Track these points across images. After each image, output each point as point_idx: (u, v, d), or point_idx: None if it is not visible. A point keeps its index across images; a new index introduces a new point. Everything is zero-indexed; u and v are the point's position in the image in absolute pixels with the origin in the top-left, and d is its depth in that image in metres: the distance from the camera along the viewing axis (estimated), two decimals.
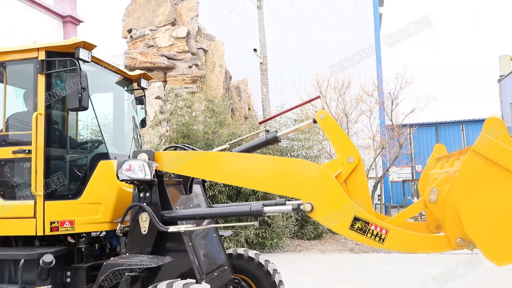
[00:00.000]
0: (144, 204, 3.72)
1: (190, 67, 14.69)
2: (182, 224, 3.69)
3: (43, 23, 16.67)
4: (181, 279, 3.36)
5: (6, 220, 3.78)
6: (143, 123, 5.14)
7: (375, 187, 14.83)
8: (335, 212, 3.26)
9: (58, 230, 3.73)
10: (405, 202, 18.27)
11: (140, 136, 5.08)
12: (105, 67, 4.43)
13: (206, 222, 4.27)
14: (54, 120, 3.97)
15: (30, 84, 3.93)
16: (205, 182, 4.75)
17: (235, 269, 4.51)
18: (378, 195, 17.15)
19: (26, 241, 3.91)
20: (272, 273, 4.54)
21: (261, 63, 14.80)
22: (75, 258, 3.95)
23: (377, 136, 15.47)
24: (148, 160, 3.74)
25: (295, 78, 20.35)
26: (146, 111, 5.18)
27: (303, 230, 11.46)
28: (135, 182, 3.74)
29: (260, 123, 5.15)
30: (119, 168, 3.68)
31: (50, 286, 3.66)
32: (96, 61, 4.19)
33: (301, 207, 3.34)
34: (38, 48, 3.88)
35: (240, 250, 4.67)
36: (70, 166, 4.09)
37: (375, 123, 16.17)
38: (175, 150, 4.27)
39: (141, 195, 3.78)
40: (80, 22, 18.44)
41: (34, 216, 3.70)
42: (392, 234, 3.15)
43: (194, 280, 3.43)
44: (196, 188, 4.49)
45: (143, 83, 4.97)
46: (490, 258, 2.81)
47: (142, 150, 3.90)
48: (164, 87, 14.20)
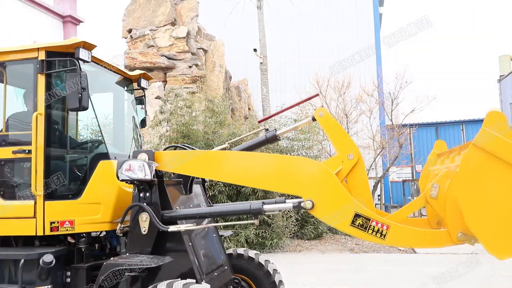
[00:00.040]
0: (144, 204, 3.72)
1: (190, 67, 14.68)
2: (182, 224, 3.70)
3: (43, 23, 16.67)
4: (181, 279, 3.36)
5: (6, 220, 3.78)
6: (143, 123, 5.14)
7: (375, 187, 14.83)
8: (336, 209, 3.26)
9: (58, 230, 3.73)
10: (405, 202, 18.26)
11: (140, 136, 5.08)
12: (105, 67, 4.43)
13: (206, 221, 4.27)
14: (54, 120, 3.97)
15: (30, 84, 3.93)
16: (205, 182, 4.75)
17: (235, 269, 4.51)
18: (378, 195, 17.16)
19: (26, 241, 3.91)
20: (272, 273, 4.54)
21: (261, 63, 14.81)
22: (75, 258, 3.95)
23: (377, 136, 15.48)
24: (148, 160, 3.74)
25: (295, 78, 20.36)
26: (146, 111, 5.18)
27: (303, 230, 11.45)
28: (135, 182, 3.74)
29: (259, 122, 5.14)
30: (119, 168, 3.68)
31: (50, 286, 3.66)
32: (96, 61, 4.19)
33: (301, 204, 3.34)
34: (38, 48, 3.88)
35: (240, 250, 4.67)
36: (70, 166, 4.09)
37: (375, 123, 16.17)
38: (175, 150, 4.27)
39: (141, 195, 3.78)
40: (80, 22, 18.45)
41: (34, 216, 3.70)
42: (393, 230, 3.14)
43: (194, 280, 3.43)
44: (196, 188, 4.49)
45: (143, 83, 4.97)
46: (491, 252, 2.80)
47: (142, 150, 3.90)
48: (164, 87, 14.19)
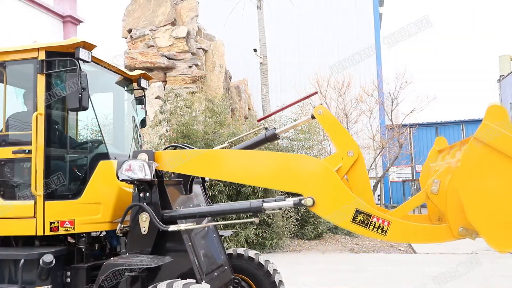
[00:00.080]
0: (144, 204, 3.73)
1: (190, 67, 14.68)
2: (182, 224, 3.70)
3: (43, 23, 16.67)
4: (181, 279, 3.36)
5: (6, 220, 3.78)
6: (143, 123, 5.14)
7: (375, 187, 14.84)
8: (336, 205, 3.25)
9: (58, 230, 3.73)
10: None
11: (140, 136, 5.08)
12: (105, 67, 4.43)
13: (205, 221, 4.27)
14: (54, 120, 3.97)
15: (30, 84, 3.93)
16: (205, 182, 4.75)
17: (235, 269, 4.50)
18: (378, 195, 17.17)
19: (26, 241, 3.90)
20: (272, 273, 4.53)
21: (261, 63, 14.82)
22: (75, 258, 3.95)
23: (377, 136, 15.50)
24: (148, 160, 3.74)
25: (295, 78, 20.38)
26: (146, 111, 5.18)
27: (303, 230, 11.44)
28: (135, 182, 3.74)
29: (258, 120, 5.13)
30: (119, 168, 3.68)
31: (50, 286, 3.66)
32: (96, 61, 4.19)
33: (302, 201, 3.33)
34: (38, 48, 3.87)
35: (240, 250, 4.67)
36: (70, 166, 4.09)
37: (375, 123, 16.19)
38: (175, 150, 4.26)
39: (141, 195, 3.78)
40: (80, 22, 18.45)
41: (34, 216, 3.70)
42: (394, 226, 3.13)
43: (194, 280, 3.43)
44: (196, 188, 4.49)
45: (143, 83, 4.97)
46: (492, 245, 2.81)
47: (142, 150, 3.90)
48: (164, 87, 14.19)
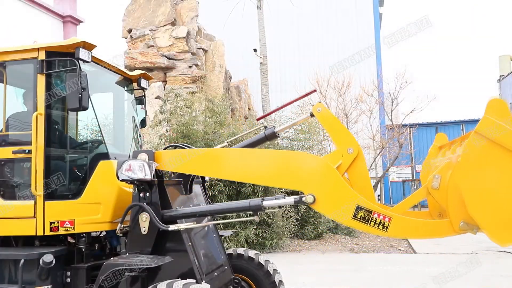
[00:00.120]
0: (144, 203, 3.73)
1: (190, 67, 14.69)
2: (182, 223, 3.70)
3: (43, 23, 16.67)
4: (181, 279, 3.36)
5: (6, 220, 3.78)
6: (143, 123, 5.14)
7: (375, 187, 14.84)
8: (337, 202, 3.25)
9: (58, 230, 3.73)
10: None
11: (140, 136, 5.08)
12: (105, 67, 4.43)
13: (205, 220, 4.27)
14: (54, 120, 3.97)
15: (30, 84, 3.93)
16: (205, 182, 4.75)
17: (235, 269, 4.50)
18: (378, 195, 17.18)
19: (26, 241, 3.90)
20: (272, 273, 4.53)
21: (261, 63, 14.81)
22: (75, 258, 3.95)
23: (377, 136, 15.50)
24: (148, 160, 3.74)
25: (295, 78, 20.37)
26: (146, 111, 5.18)
27: (303, 230, 11.44)
28: (135, 182, 3.74)
29: (258, 119, 5.13)
30: (119, 168, 3.68)
31: (50, 286, 3.66)
32: (96, 61, 4.19)
33: (303, 199, 3.33)
34: (38, 48, 3.87)
35: (240, 250, 4.67)
36: (70, 166, 4.09)
37: (375, 123, 16.20)
38: (174, 149, 4.26)
39: (141, 195, 3.78)
40: (80, 22, 18.45)
41: (34, 216, 3.70)
42: (395, 221, 3.13)
43: (194, 280, 3.43)
44: (196, 188, 4.49)
45: (143, 83, 4.97)
46: (494, 239, 2.81)
47: (142, 150, 3.90)
48: (164, 87, 14.19)
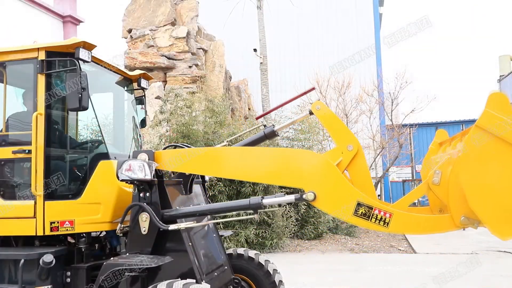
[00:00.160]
0: (144, 203, 3.73)
1: (190, 67, 14.68)
2: (182, 223, 3.70)
3: (43, 23, 16.67)
4: (181, 279, 3.36)
5: (6, 220, 3.78)
6: (143, 123, 5.14)
7: (375, 187, 14.82)
8: (338, 199, 3.26)
9: (58, 230, 3.73)
10: None
11: (140, 136, 5.08)
12: (105, 67, 4.43)
13: (205, 220, 4.27)
14: (54, 120, 3.97)
15: (30, 84, 3.93)
16: (205, 182, 4.75)
17: (235, 269, 4.51)
18: (378, 195, 17.16)
19: (26, 241, 3.90)
20: (272, 273, 4.54)
21: (261, 63, 14.81)
22: (75, 258, 3.95)
23: (377, 136, 15.49)
24: (148, 160, 3.74)
25: (295, 78, 20.36)
26: (146, 111, 5.18)
27: (303, 230, 11.44)
28: (135, 182, 3.74)
29: (257, 118, 5.13)
30: (119, 168, 3.68)
31: (50, 286, 3.66)
32: (96, 61, 4.19)
33: (303, 196, 3.33)
34: (38, 48, 3.87)
35: (240, 250, 4.67)
36: (70, 166, 4.09)
37: (375, 123, 16.19)
38: (174, 149, 4.26)
39: (141, 195, 3.78)
40: (80, 22, 18.44)
41: (34, 216, 3.70)
42: (396, 217, 3.13)
43: (194, 280, 3.43)
44: (196, 188, 4.49)
45: (143, 83, 4.97)
46: (495, 233, 2.81)
47: (142, 150, 3.90)
48: (164, 87, 14.19)
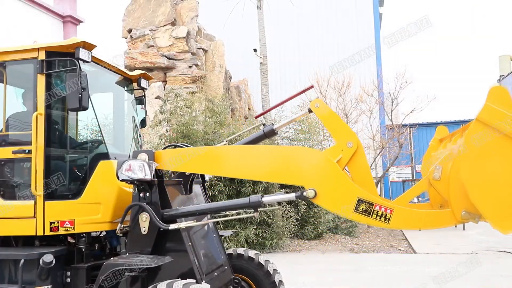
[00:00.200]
0: (144, 203, 3.73)
1: (190, 67, 14.68)
2: (182, 222, 3.70)
3: (43, 23, 16.67)
4: (181, 279, 3.36)
5: (6, 220, 3.78)
6: (143, 123, 5.14)
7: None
8: (338, 196, 3.26)
9: (58, 230, 3.73)
10: None
11: (140, 136, 5.08)
12: (105, 67, 4.43)
13: (205, 219, 4.26)
14: (54, 120, 3.97)
15: (30, 84, 3.93)
16: (205, 182, 4.75)
17: (235, 269, 4.51)
18: (378, 195, 17.13)
19: (26, 241, 3.91)
20: (272, 273, 4.54)
21: (261, 63, 14.82)
22: (75, 258, 3.95)
23: (377, 136, 15.49)
24: (148, 160, 3.74)
25: (295, 78, 20.35)
26: (146, 111, 5.18)
27: (303, 230, 11.44)
28: (135, 182, 3.74)
29: (256, 117, 5.12)
30: (119, 168, 3.68)
31: (50, 286, 3.66)
32: (96, 61, 4.19)
33: (304, 193, 3.33)
34: (38, 48, 3.87)
35: (240, 250, 4.67)
36: (70, 166, 4.09)
37: (375, 123, 16.18)
38: (174, 149, 4.26)
39: (141, 195, 3.78)
40: (80, 22, 18.44)
41: (34, 216, 3.70)
42: (397, 213, 3.13)
43: (194, 280, 3.43)
44: (196, 188, 4.49)
45: (143, 83, 4.97)
46: (496, 227, 2.81)
47: (142, 150, 3.90)
48: (164, 87, 14.19)
